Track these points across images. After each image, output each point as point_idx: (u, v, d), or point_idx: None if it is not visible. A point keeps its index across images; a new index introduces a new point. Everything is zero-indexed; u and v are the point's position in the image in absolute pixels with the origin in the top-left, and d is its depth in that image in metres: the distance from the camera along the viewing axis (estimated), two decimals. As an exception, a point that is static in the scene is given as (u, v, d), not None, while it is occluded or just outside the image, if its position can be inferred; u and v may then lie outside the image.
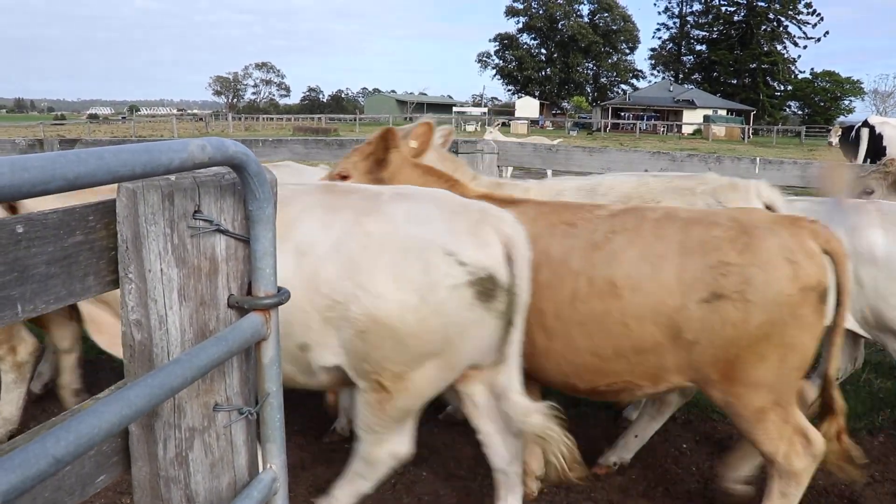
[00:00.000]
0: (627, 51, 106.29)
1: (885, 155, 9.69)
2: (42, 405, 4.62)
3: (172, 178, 1.46)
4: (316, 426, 4.32)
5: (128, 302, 1.46)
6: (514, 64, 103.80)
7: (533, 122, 66.57)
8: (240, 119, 68.46)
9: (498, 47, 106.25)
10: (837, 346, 2.91)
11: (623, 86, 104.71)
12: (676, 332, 2.74)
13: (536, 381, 3.20)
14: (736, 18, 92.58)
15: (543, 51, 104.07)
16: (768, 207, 3.29)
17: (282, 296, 1.65)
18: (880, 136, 9.92)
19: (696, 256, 2.71)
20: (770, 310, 2.65)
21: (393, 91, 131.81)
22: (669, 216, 2.90)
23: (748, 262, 2.66)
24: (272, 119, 74.58)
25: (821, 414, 3.03)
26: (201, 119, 66.78)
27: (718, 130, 52.15)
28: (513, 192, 3.54)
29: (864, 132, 10.14)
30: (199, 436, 1.59)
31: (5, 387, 4.00)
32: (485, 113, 79.05)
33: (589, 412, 4.48)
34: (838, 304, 2.84)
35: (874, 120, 10.39)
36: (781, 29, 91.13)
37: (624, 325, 2.79)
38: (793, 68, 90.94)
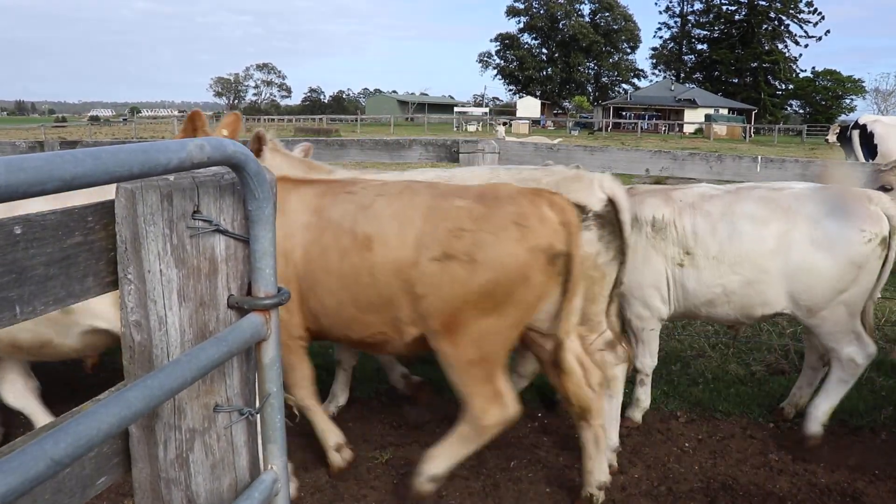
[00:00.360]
0: (629, 50, 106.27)
1: (877, 153, 9.66)
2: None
3: (171, 178, 1.46)
4: (318, 427, 4.32)
5: (127, 303, 1.45)
6: (515, 64, 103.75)
7: (534, 122, 66.56)
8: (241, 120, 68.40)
9: (499, 47, 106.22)
10: (568, 310, 3.17)
11: (624, 85, 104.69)
12: (410, 287, 3.08)
13: (328, 338, 3.61)
14: (737, 17, 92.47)
15: (544, 50, 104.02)
16: (610, 199, 3.49)
17: (282, 296, 1.65)
18: (871, 135, 9.91)
19: (436, 221, 3.06)
20: (496, 269, 2.99)
21: (394, 91, 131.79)
22: (430, 187, 3.28)
23: (479, 228, 3.01)
24: (273, 120, 74.59)
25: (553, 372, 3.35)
26: (202, 120, 66.62)
27: (720, 129, 52.10)
28: (327, 176, 3.84)
29: (855, 134, 10.14)
30: (199, 437, 1.58)
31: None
32: (486, 113, 79.06)
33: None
34: (568, 271, 3.12)
35: (864, 119, 10.37)
36: (782, 28, 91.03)
37: (372, 277, 3.13)
38: (794, 67, 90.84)
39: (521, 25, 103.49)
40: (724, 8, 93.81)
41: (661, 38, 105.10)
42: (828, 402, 3.93)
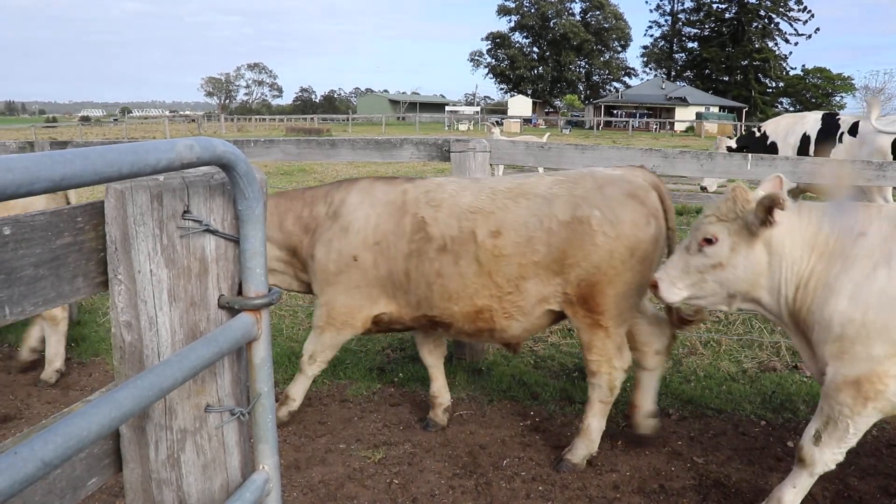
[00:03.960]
0: (619, 49, 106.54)
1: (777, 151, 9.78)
2: (31, 405, 4.61)
3: (161, 178, 1.45)
4: (311, 427, 4.31)
5: (117, 303, 1.45)
6: (506, 62, 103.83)
7: (526, 121, 66.59)
8: (232, 120, 68.39)
9: (490, 46, 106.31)
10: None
11: (615, 84, 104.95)
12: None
13: None
14: (727, 16, 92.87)
15: (535, 49, 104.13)
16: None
17: (272, 296, 1.64)
18: (765, 135, 10.08)
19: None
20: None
21: (385, 91, 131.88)
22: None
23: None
24: (265, 120, 74.47)
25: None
26: (193, 120, 66.63)
27: (711, 127, 52.17)
28: None
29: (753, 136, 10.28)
30: (190, 437, 1.58)
31: None
32: (477, 112, 79.02)
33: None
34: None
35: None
36: (772, 26, 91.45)
37: None
38: (784, 65, 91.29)
39: (512, 24, 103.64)
40: (715, 6, 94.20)
41: (651, 36, 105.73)
42: None
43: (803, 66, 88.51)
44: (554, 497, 3.57)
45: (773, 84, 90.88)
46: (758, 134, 9.91)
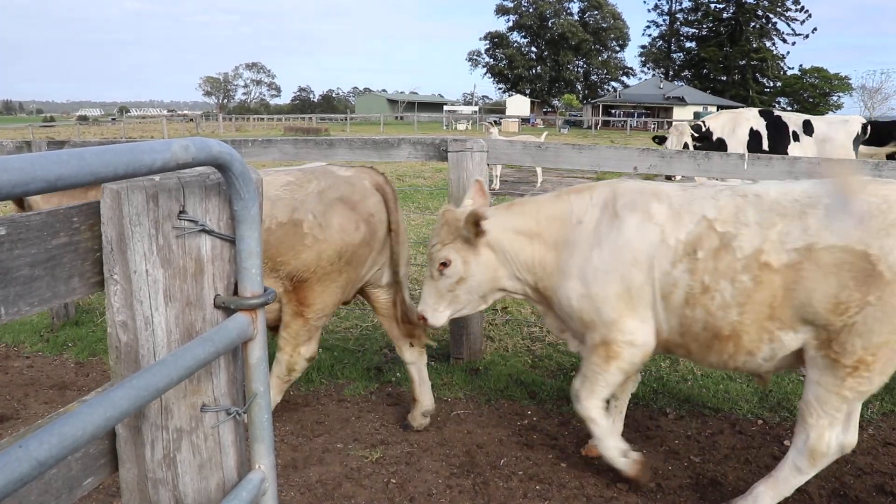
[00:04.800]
0: (617, 48, 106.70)
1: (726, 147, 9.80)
2: (28, 405, 4.61)
3: (157, 178, 1.46)
4: (308, 427, 4.32)
5: (113, 303, 1.45)
6: (504, 62, 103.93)
7: (524, 121, 66.62)
8: (230, 119, 68.37)
9: (488, 46, 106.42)
10: None
11: (613, 83, 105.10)
12: None
13: None
14: (725, 15, 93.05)
15: (534, 49, 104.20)
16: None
17: (268, 296, 1.65)
18: (710, 131, 10.11)
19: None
20: None
21: (384, 90, 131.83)
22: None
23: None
24: (263, 119, 74.47)
25: None
26: (191, 120, 66.61)
27: (709, 127, 52.19)
28: None
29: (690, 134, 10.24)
30: (186, 437, 1.58)
31: None
32: (476, 111, 79.00)
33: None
34: None
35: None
36: (770, 26, 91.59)
37: None
38: (782, 65, 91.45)
39: (511, 24, 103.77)
40: (713, 6, 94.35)
41: (649, 36, 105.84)
42: None
43: (801, 65, 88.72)
44: (551, 496, 3.57)
45: (771, 84, 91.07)
46: (703, 129, 9.91)
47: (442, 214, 3.65)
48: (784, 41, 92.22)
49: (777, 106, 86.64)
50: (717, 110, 9.98)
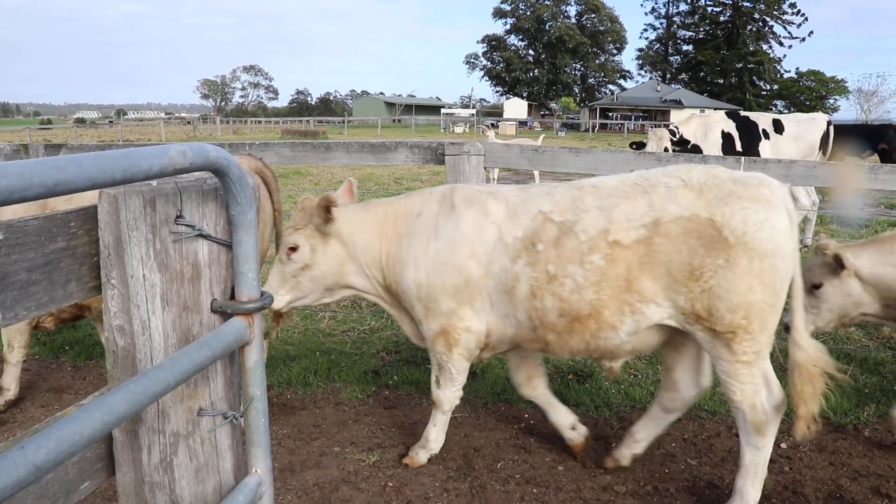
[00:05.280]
0: (615, 51, 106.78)
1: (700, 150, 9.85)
2: (25, 409, 4.61)
3: (154, 183, 1.46)
4: (305, 431, 4.32)
5: (110, 307, 1.46)
6: (501, 65, 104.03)
7: (521, 123, 66.66)
8: (228, 122, 68.33)
9: (486, 49, 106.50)
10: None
11: (611, 86, 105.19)
12: None
13: None
14: (722, 19, 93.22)
15: (531, 52, 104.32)
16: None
17: (265, 300, 1.65)
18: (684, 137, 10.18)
19: None
20: None
21: (381, 93, 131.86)
22: None
23: None
24: (260, 122, 74.41)
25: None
26: (189, 122, 66.59)
27: (706, 130, 52.28)
28: None
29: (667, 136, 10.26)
30: (183, 441, 1.59)
31: None
32: (473, 114, 79.05)
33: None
34: None
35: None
36: (767, 29, 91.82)
37: None
38: (778, 68, 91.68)
39: (508, 27, 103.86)
40: (709, 9, 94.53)
41: (646, 39, 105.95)
42: None
43: (797, 68, 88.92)
44: (548, 499, 3.57)
45: (768, 87, 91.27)
46: (677, 135, 9.96)
47: (301, 200, 3.77)
48: (781, 44, 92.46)
49: (774, 109, 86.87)
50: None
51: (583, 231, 3.22)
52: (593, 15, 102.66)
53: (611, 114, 73.69)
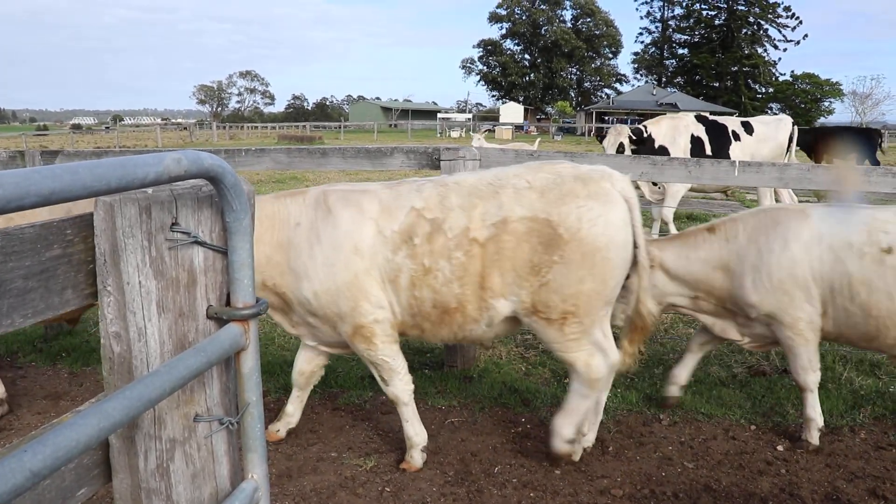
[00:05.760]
0: (610, 55, 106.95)
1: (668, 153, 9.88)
2: (21, 416, 4.60)
3: (149, 191, 1.47)
4: (303, 436, 4.32)
5: (106, 314, 1.46)
6: (497, 70, 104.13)
7: (518, 128, 66.71)
8: (224, 128, 68.29)
9: (482, 53, 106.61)
10: None
11: (607, 90, 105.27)
12: None
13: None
14: (717, 22, 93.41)
15: (527, 56, 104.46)
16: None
17: (260, 306, 1.66)
18: (651, 137, 10.19)
19: None
20: None
21: (377, 98, 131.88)
22: None
23: None
24: (257, 127, 74.42)
25: None
26: (185, 128, 66.62)
27: (701, 133, 52.36)
28: None
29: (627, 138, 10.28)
30: (179, 447, 1.59)
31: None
32: (469, 119, 79.10)
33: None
34: None
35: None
36: (761, 32, 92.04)
37: None
38: (773, 71, 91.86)
39: (504, 31, 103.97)
40: (704, 13, 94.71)
41: (642, 42, 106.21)
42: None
43: (792, 71, 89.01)
44: (546, 502, 3.58)
45: (763, 90, 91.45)
46: (645, 134, 10.00)
47: None
48: (775, 47, 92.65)
49: (770, 112, 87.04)
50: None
51: (450, 229, 3.46)
52: (589, 19, 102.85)
53: (607, 118, 73.70)
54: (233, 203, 1.54)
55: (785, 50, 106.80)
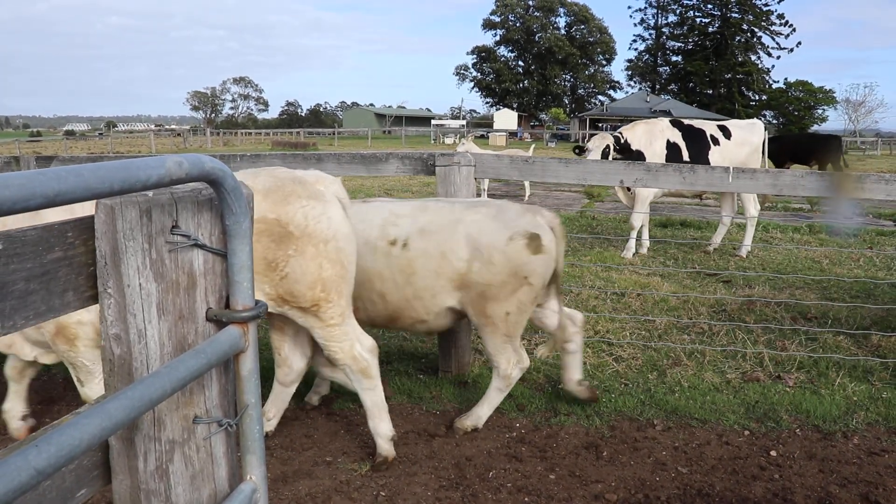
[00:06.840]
0: (604, 62, 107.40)
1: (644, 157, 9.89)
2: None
3: (150, 194, 1.48)
4: (298, 440, 4.32)
5: (107, 317, 1.47)
6: (491, 76, 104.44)
7: (512, 134, 66.86)
8: (218, 134, 68.30)
9: (475, 60, 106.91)
10: None
11: (600, 97, 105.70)
12: None
13: None
14: (710, 30, 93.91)
15: (521, 63, 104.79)
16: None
17: (259, 308, 1.67)
18: (627, 142, 10.21)
19: None
20: None
21: (371, 104, 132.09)
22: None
23: None
24: (251, 134, 74.41)
25: None
26: (179, 135, 66.52)
27: (695, 140, 52.61)
28: None
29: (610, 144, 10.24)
30: (179, 448, 1.60)
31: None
32: (463, 125, 79.24)
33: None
34: None
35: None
36: (755, 40, 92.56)
37: None
38: (767, 78, 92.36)
39: (498, 38, 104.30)
40: (698, 20, 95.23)
41: (636, 50, 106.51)
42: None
43: (786, 79, 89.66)
44: (540, 508, 3.59)
45: (757, 97, 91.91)
46: (622, 140, 10.05)
47: None
48: (769, 55, 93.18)
49: (763, 119, 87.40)
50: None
51: None
52: (583, 26, 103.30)
53: (601, 124, 73.81)
54: (233, 206, 1.56)
55: (778, 57, 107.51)
